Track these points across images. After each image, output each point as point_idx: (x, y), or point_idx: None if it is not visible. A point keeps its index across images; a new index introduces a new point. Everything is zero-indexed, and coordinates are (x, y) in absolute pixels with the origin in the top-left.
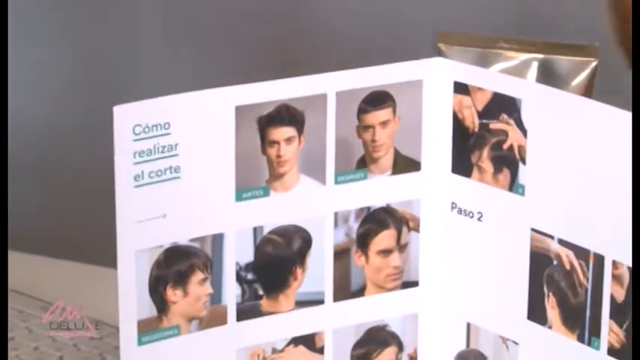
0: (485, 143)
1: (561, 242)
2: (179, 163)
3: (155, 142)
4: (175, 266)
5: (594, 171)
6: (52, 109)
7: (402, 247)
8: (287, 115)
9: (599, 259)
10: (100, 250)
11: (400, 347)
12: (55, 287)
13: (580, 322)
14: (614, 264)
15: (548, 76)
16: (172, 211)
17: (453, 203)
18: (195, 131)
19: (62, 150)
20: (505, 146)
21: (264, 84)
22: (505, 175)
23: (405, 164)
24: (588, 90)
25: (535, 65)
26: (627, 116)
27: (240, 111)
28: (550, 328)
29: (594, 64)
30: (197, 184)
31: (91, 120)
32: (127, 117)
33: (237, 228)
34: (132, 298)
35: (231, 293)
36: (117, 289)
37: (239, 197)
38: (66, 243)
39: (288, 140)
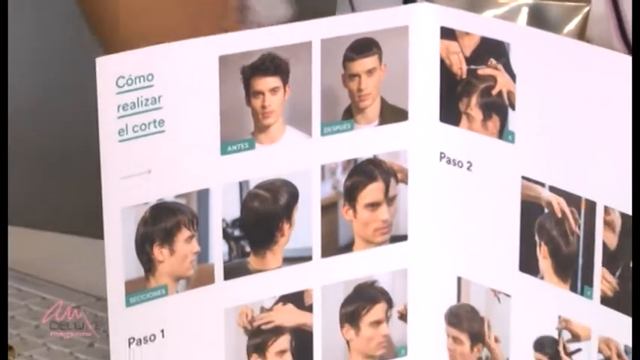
0: (473, 90)
1: (552, 189)
2: (163, 116)
3: (139, 94)
4: (161, 223)
5: (585, 116)
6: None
7: (390, 200)
8: (271, 64)
9: (591, 206)
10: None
11: (390, 304)
12: (39, 260)
13: (572, 272)
14: (606, 210)
15: (539, 23)
16: (157, 167)
17: (441, 153)
18: (178, 83)
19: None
20: (494, 92)
21: (247, 32)
22: (494, 123)
23: (392, 114)
24: (580, 37)
25: (525, 11)
26: (627, 60)
27: (224, 61)
28: (542, 278)
29: (586, 9)
30: (181, 138)
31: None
32: (110, 68)
33: (223, 183)
34: (119, 258)
35: (218, 251)
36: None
37: (224, 150)
38: (46, 213)
39: (273, 90)
